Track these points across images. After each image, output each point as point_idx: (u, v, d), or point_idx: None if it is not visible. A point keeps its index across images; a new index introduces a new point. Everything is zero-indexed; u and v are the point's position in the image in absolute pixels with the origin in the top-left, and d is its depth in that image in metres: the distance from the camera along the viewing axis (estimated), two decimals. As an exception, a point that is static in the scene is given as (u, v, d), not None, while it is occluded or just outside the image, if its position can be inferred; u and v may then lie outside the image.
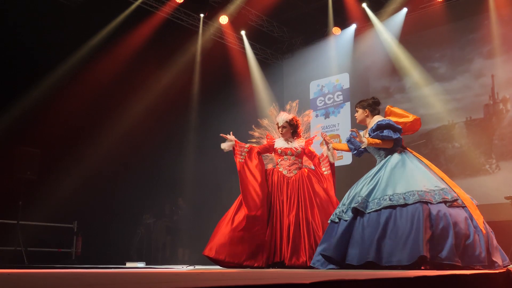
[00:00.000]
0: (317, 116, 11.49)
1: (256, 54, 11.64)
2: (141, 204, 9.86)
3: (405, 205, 3.96)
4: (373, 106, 4.75)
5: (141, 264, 6.92)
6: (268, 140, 5.69)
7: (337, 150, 5.30)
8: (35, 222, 7.98)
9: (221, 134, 5.62)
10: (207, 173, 10.12)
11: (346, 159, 10.73)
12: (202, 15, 10.35)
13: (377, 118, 4.65)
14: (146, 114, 9.24)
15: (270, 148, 5.64)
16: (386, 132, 4.44)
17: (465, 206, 4.09)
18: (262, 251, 5.08)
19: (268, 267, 5.03)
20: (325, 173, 5.41)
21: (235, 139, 5.56)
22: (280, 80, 12.15)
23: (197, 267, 5.75)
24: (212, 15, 10.38)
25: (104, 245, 8.84)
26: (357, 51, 10.93)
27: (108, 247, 8.85)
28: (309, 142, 5.64)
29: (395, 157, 4.43)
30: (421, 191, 4.03)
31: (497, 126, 9.02)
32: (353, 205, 4.13)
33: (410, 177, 4.20)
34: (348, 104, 11.08)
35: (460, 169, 9.05)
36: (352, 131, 4.67)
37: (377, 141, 4.45)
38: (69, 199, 8.15)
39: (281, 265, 5.08)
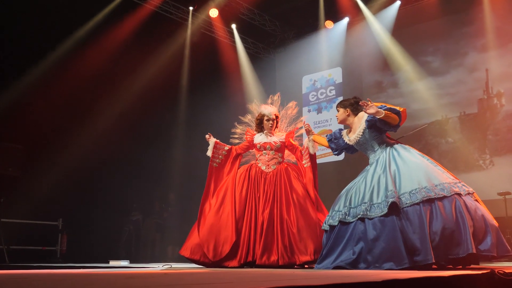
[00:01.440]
0: (309, 111, 11.33)
1: (247, 48, 11.45)
2: (128, 200, 9.67)
3: (444, 197, 3.76)
4: (355, 106, 4.50)
5: (124, 263, 6.75)
6: (247, 136, 5.50)
7: (317, 143, 5.11)
8: (18, 220, 7.79)
9: (206, 136, 5.47)
10: (197, 168, 9.93)
11: (338, 155, 10.55)
12: (191, 8, 10.16)
13: (363, 114, 4.39)
14: (132, 108, 9.02)
15: (250, 145, 5.48)
16: (394, 108, 4.18)
17: (476, 199, 3.97)
18: (236, 251, 4.91)
19: (241, 267, 4.86)
20: (305, 165, 5.21)
21: (216, 140, 5.44)
22: (272, 74, 11.98)
23: (176, 265, 5.60)
24: (201, 8, 10.19)
25: (90, 243, 8.66)
26: (350, 45, 10.76)
27: (94, 245, 8.67)
28: (290, 134, 5.43)
29: (399, 148, 4.22)
30: (449, 183, 3.87)
31: (491, 121, 8.88)
32: (389, 200, 3.78)
33: (430, 170, 3.98)
34: (340, 99, 10.89)
35: (453, 165, 8.86)
36: (363, 102, 4.17)
37: (391, 114, 4.11)
38: (54, 195, 7.97)
39: (254, 264, 4.90)
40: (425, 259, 3.55)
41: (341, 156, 10.55)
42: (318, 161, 5.81)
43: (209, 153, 5.41)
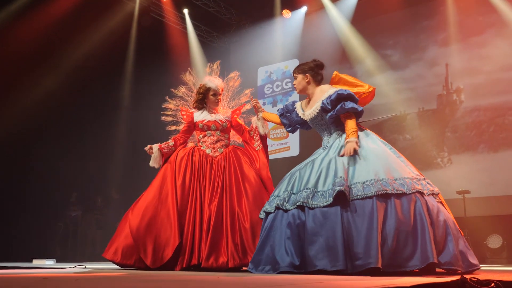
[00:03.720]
0: (264, 104, 10.83)
1: (200, 36, 10.85)
2: (64, 191, 8.88)
3: (403, 194, 3.16)
4: (315, 70, 3.82)
5: (49, 262, 6.04)
6: (185, 116, 4.70)
7: (268, 121, 4.45)
8: None
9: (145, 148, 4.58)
10: (141, 158, 9.25)
11: (293, 149, 10.14)
12: (139, -12, 9.49)
13: (327, 88, 3.73)
14: (69, 87, 8.24)
15: (191, 125, 4.67)
16: (350, 104, 3.53)
17: (441, 202, 3.42)
18: (179, 253, 4.07)
19: (182, 271, 4.05)
20: (257, 149, 4.54)
21: (159, 145, 4.52)
22: (226, 65, 11.33)
23: (102, 266, 4.92)
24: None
25: (15, 239, 7.86)
26: (308, 36, 10.32)
27: (21, 242, 7.89)
28: (236, 112, 4.71)
29: (360, 133, 3.57)
30: (411, 178, 3.27)
31: (450, 117, 8.59)
32: (336, 188, 3.15)
33: (392, 161, 3.37)
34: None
35: (410, 162, 8.51)
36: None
37: (355, 127, 3.54)
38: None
39: (200, 267, 4.08)
40: (367, 262, 2.93)
41: (295, 152, 10.11)
42: (270, 156, 5.23)
43: (155, 164, 4.49)
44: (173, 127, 4.84)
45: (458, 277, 1.97)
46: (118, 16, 9.16)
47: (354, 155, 3.41)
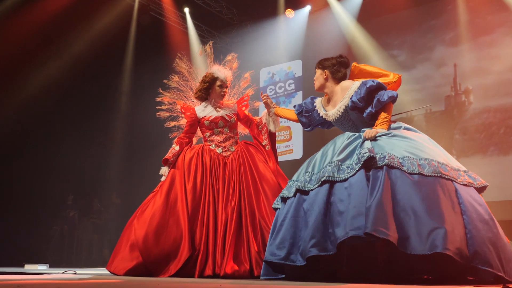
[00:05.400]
0: (266, 106, 10.58)
1: (201, 35, 10.61)
2: (59, 193, 8.61)
3: (420, 174, 2.80)
4: (337, 68, 3.48)
5: (42, 267, 5.78)
6: (187, 113, 4.30)
7: (282, 117, 4.12)
8: None
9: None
10: (140, 161, 9.00)
11: (296, 152, 9.87)
12: (138, -14, 9.26)
13: (349, 84, 3.38)
14: (63, 87, 8.01)
15: (195, 123, 4.31)
16: (385, 95, 3.20)
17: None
18: (191, 263, 3.73)
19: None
20: (266, 148, 4.22)
21: (167, 157, 4.13)
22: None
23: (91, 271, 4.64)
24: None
25: (7, 242, 7.59)
26: (311, 35, 10.09)
27: (14, 245, 7.62)
28: (242, 102, 4.38)
29: (395, 132, 3.18)
30: (441, 163, 2.89)
31: (458, 119, 8.35)
32: (365, 155, 2.86)
33: (422, 143, 3.04)
34: (300, 94, 10.22)
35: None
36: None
37: (388, 116, 3.23)
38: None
39: (218, 277, 3.71)
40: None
41: (298, 155, 9.85)
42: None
43: (163, 171, 4.14)
44: (172, 123, 4.52)
45: (500, 286, 1.70)
46: (117, 14, 8.94)
47: (379, 141, 3.08)
